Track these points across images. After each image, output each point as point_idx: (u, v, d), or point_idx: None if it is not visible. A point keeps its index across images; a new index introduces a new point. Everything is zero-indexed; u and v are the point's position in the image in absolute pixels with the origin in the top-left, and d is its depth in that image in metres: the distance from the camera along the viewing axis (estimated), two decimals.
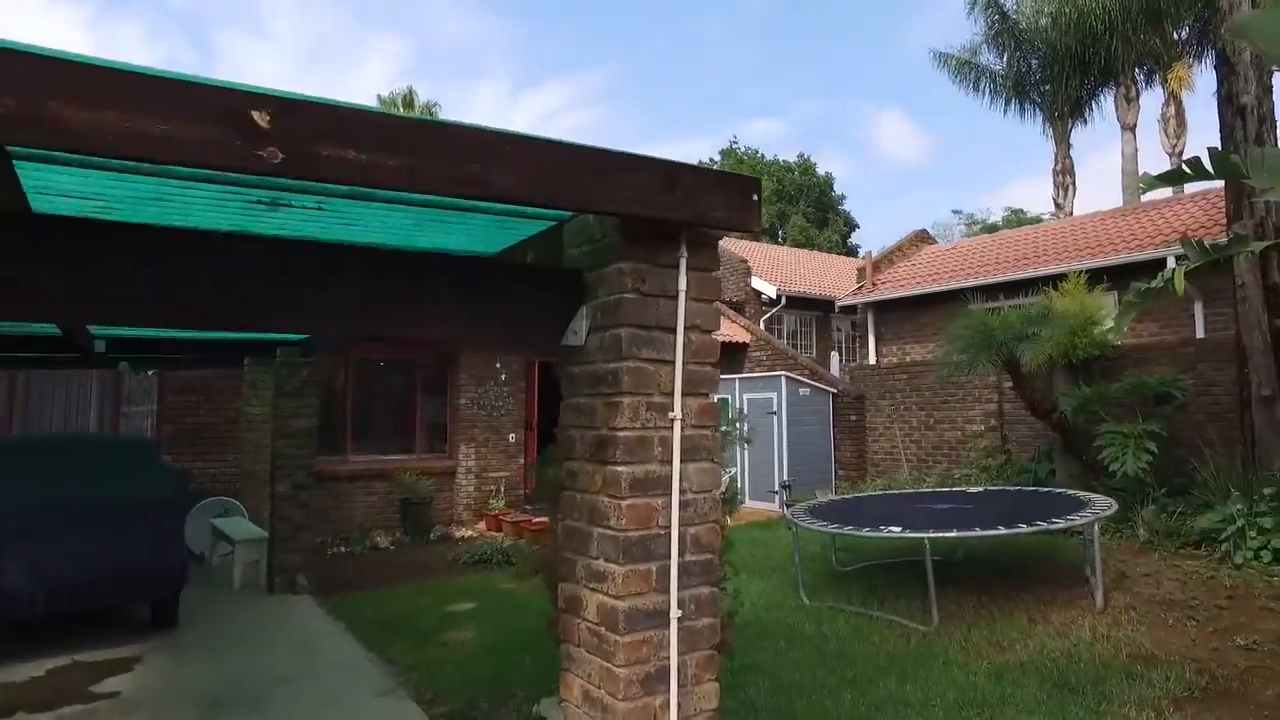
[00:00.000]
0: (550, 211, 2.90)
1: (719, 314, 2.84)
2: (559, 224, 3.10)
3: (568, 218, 2.99)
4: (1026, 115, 27.07)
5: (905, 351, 15.30)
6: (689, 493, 2.66)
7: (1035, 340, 8.74)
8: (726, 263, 19.80)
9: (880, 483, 12.33)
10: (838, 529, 6.51)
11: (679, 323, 2.66)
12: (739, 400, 14.09)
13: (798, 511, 7.47)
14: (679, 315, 2.66)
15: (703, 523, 2.69)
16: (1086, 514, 6.33)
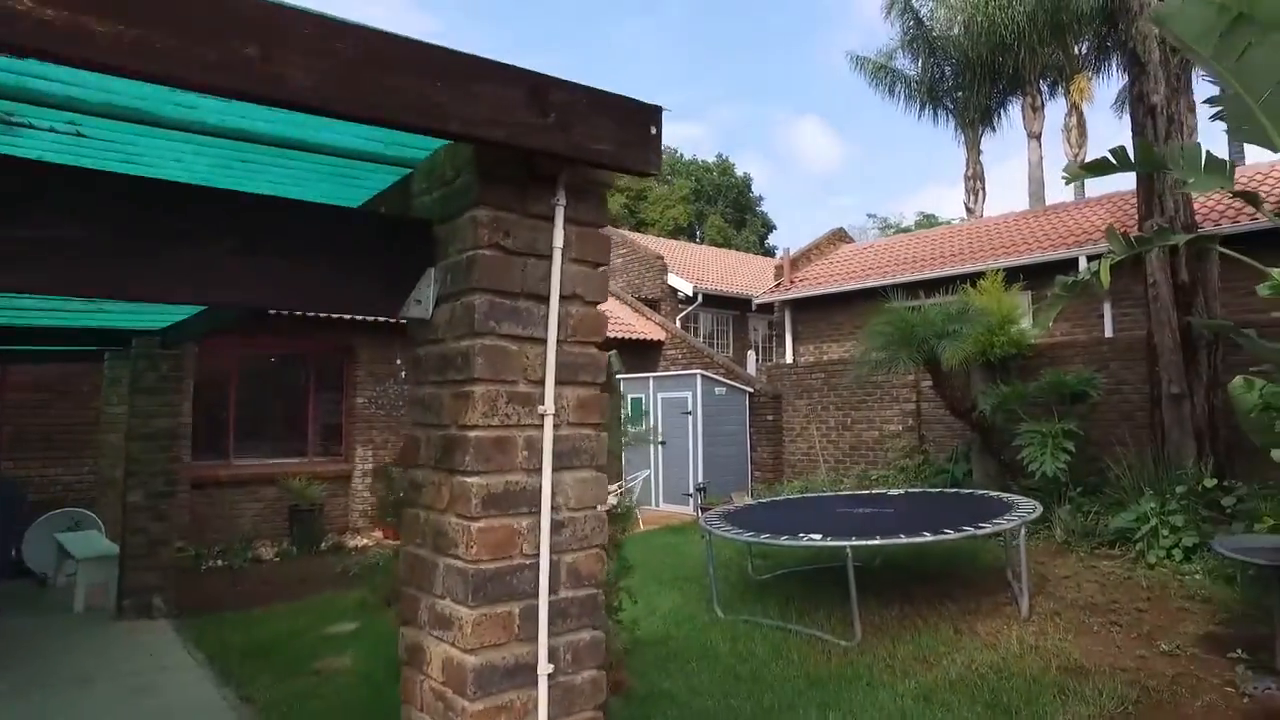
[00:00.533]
0: (406, 153, 2.27)
1: (606, 281, 2.25)
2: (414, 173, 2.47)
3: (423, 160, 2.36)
4: (940, 121, 27.62)
5: (823, 351, 15.09)
6: (565, 510, 2.06)
7: (956, 337, 8.49)
8: (642, 259, 19.33)
9: (797, 485, 12.00)
10: (754, 538, 6.02)
11: (553, 290, 2.06)
12: (652, 400, 13.59)
13: (712, 518, 6.96)
14: (553, 280, 2.06)
15: (583, 548, 2.10)
16: (1012, 517, 6.01)
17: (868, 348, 9.28)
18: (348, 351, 12.41)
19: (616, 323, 15.65)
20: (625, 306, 16.62)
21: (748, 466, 13.43)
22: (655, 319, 15.87)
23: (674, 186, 38.54)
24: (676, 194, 37.70)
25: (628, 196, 38.11)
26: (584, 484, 2.10)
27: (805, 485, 11.86)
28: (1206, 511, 7.54)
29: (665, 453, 13.32)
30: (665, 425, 13.34)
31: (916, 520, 6.38)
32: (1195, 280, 8.47)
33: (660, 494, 13.39)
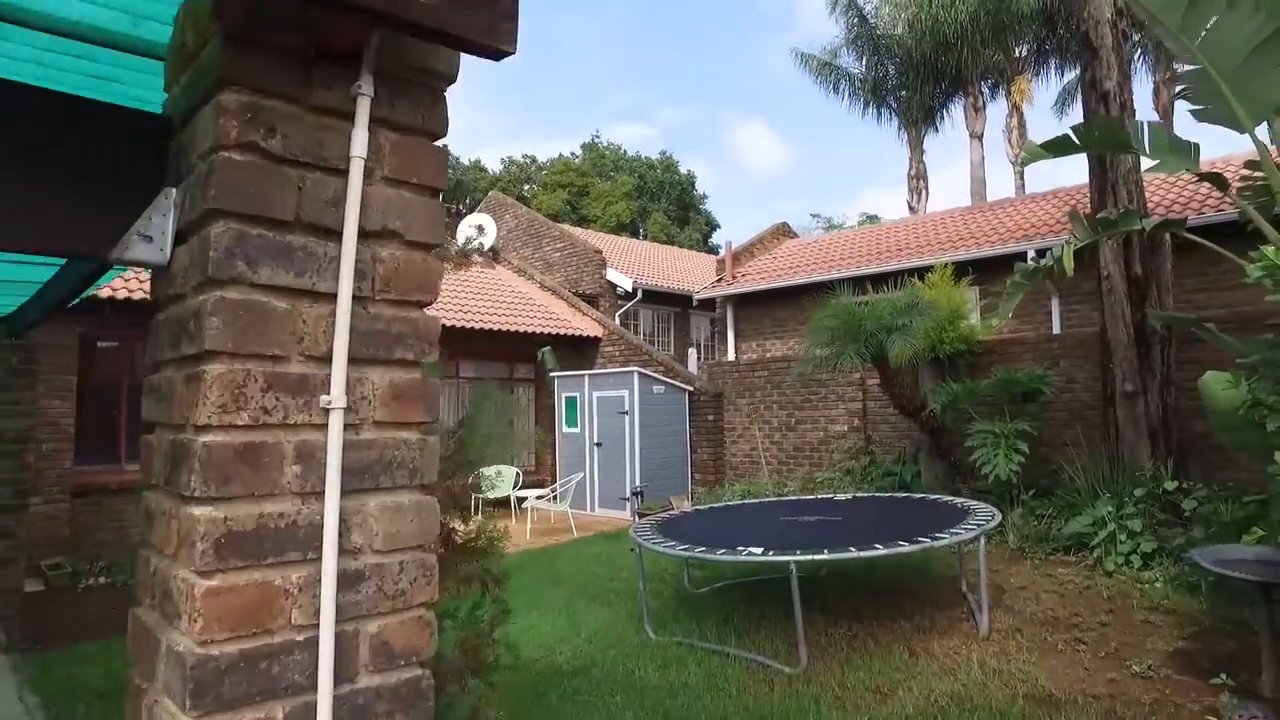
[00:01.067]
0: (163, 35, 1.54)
1: (439, 216, 1.55)
2: None
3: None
4: (883, 120, 27.54)
5: (766, 348, 14.58)
6: (367, 553, 1.36)
7: (905, 332, 7.99)
8: (579, 253, 18.62)
9: (739, 488, 11.43)
10: (689, 551, 5.37)
11: (348, 220, 1.36)
12: (588, 399, 12.89)
13: (644, 529, 6.30)
14: (349, 205, 1.36)
15: (397, 609, 1.40)
16: (970, 526, 5.48)
17: (812, 343, 8.72)
18: None
19: (551, 318, 14.91)
20: (561, 301, 15.89)
21: (688, 469, 12.83)
22: (592, 314, 15.17)
23: (617, 182, 37.86)
24: (619, 190, 37.03)
25: (570, 192, 37.32)
26: (399, 514, 1.41)
27: (748, 489, 11.29)
28: (1163, 515, 7.17)
29: (601, 454, 12.64)
30: (601, 426, 12.67)
31: (867, 529, 5.81)
32: (1149, 273, 8.12)
33: (596, 498, 12.70)
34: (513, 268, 17.38)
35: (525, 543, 10.58)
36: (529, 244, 19.99)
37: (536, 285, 16.57)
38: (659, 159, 41.35)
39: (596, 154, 41.05)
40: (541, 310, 15.19)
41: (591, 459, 12.76)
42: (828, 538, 5.46)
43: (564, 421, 13.37)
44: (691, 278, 20.79)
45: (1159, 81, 20.70)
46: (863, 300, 9.06)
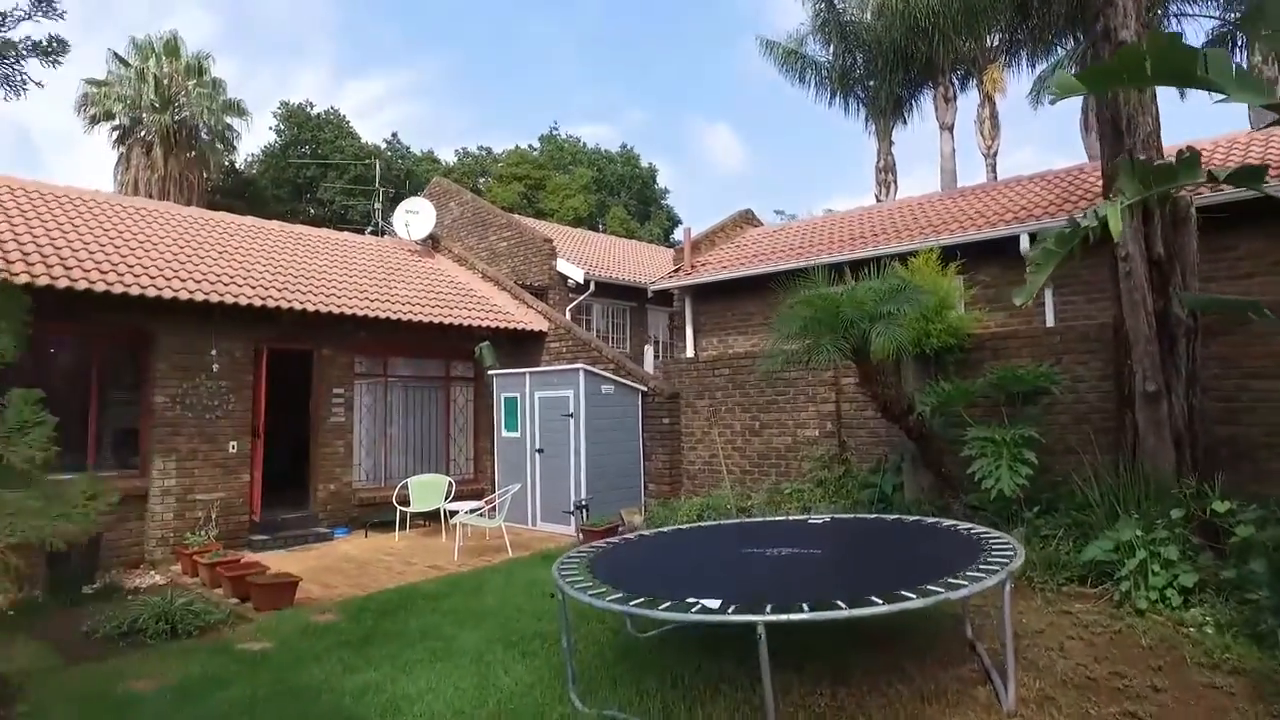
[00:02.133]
0: None
1: None
2: None
3: None
4: (851, 112, 26.47)
5: (728, 344, 13.30)
6: None
7: (891, 321, 6.71)
8: (528, 242, 17.19)
9: (698, 501, 10.10)
10: (624, 605, 4.01)
11: None
12: (529, 399, 11.47)
13: (571, 566, 4.90)
14: None
15: None
16: (990, 566, 4.20)
17: (781, 335, 7.42)
18: (145, 338, 9.85)
19: (493, 311, 13.47)
20: (504, 293, 14.44)
21: (641, 478, 11.47)
22: (537, 307, 13.76)
23: (574, 175, 36.41)
24: (577, 183, 35.59)
25: (525, 185, 35.79)
26: None
27: (707, 503, 9.96)
28: (1198, 540, 5.99)
29: (543, 462, 11.23)
30: (544, 429, 11.26)
31: (854, 567, 4.51)
32: (1172, 254, 6.95)
33: (537, 511, 11.29)
34: (453, 256, 15.89)
35: (452, 566, 9.16)
36: (474, 233, 18.51)
37: (478, 275, 15.11)
38: (619, 152, 40.00)
39: (554, 146, 39.58)
40: (482, 302, 13.74)
41: (533, 467, 11.35)
42: (805, 582, 4.15)
43: (503, 424, 11.93)
44: (650, 271, 19.47)
45: None
46: (840, 290, 7.77)
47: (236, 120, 29.93)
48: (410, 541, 10.75)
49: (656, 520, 10.29)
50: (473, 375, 13.37)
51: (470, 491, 12.61)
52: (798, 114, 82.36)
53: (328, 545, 10.62)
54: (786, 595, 3.91)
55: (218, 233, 12.40)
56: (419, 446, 12.81)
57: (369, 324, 11.56)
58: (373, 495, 11.72)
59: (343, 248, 14.22)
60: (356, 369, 11.99)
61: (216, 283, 10.29)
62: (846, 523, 6.10)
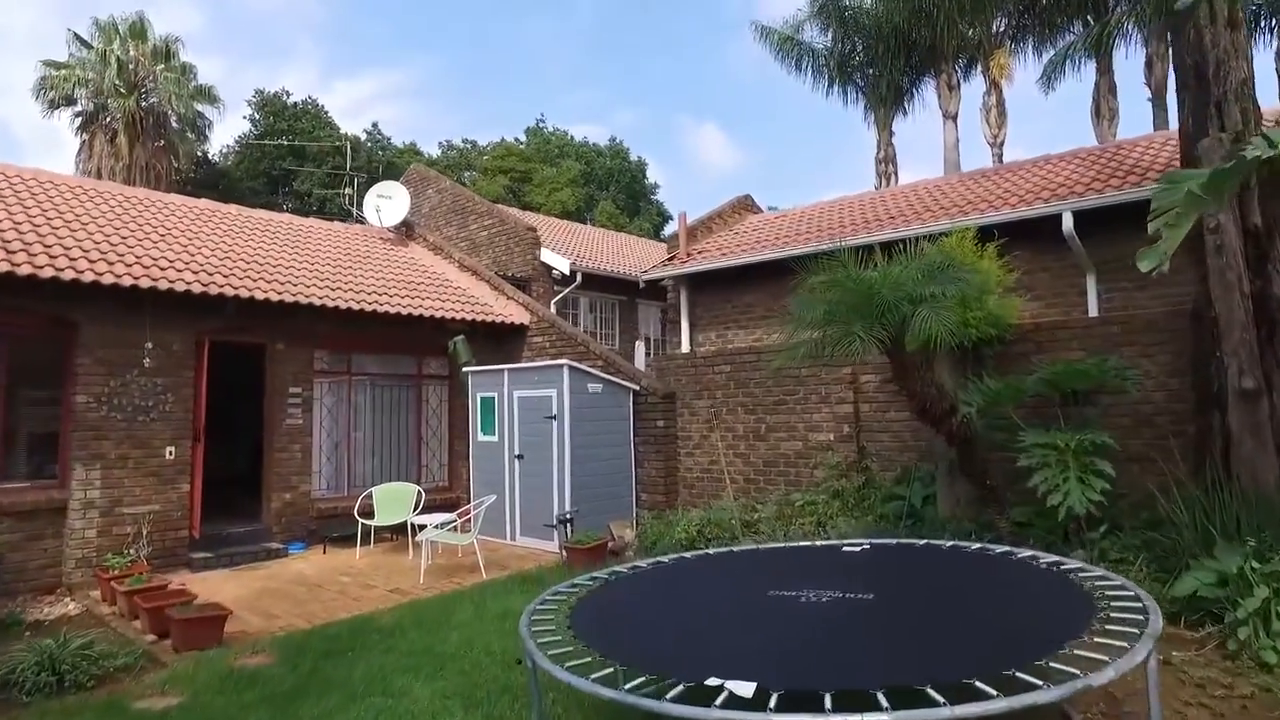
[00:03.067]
0: None
1: None
2: None
3: None
4: (851, 102, 25.48)
5: (727, 339, 12.16)
6: None
7: (936, 304, 5.58)
8: (510, 231, 15.99)
9: (697, 515, 8.94)
10: (612, 686, 2.85)
11: None
12: (507, 398, 10.28)
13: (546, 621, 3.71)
14: None
15: None
16: (1125, 628, 3.05)
17: (802, 323, 6.26)
18: (67, 328, 8.62)
19: (469, 302, 12.27)
20: (483, 284, 13.25)
21: (632, 487, 10.30)
22: (519, 298, 12.57)
23: (562, 168, 35.20)
24: (564, 176, 34.38)
25: (511, 178, 34.57)
26: None
27: (708, 516, 8.80)
28: None
29: (523, 469, 10.04)
30: (524, 432, 10.07)
31: (923, 623, 3.36)
32: (1271, 226, 5.85)
33: (516, 524, 10.10)
34: (428, 245, 14.68)
35: (416, 589, 7.97)
36: (454, 222, 17.30)
37: (455, 265, 13.90)
38: (608, 146, 38.82)
39: (541, 139, 38.36)
40: (458, 293, 12.53)
41: (511, 474, 10.16)
42: (864, 648, 3.00)
43: (479, 427, 10.74)
44: (641, 264, 18.33)
45: (1153, 54, 18.88)
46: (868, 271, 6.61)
47: (208, 108, 28.60)
48: (373, 559, 9.55)
49: (651, 536, 9.12)
50: (447, 373, 12.17)
51: (444, 501, 11.42)
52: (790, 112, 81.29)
53: (280, 563, 9.40)
54: (844, 669, 2.76)
55: (163, 215, 11.14)
56: (387, 451, 11.60)
57: (330, 315, 10.35)
58: (333, 506, 10.50)
59: (304, 234, 12.98)
60: (316, 365, 10.77)
61: (152, 266, 9.05)
62: (890, 551, 4.94)
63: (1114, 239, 8.82)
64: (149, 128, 26.73)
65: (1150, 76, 19.05)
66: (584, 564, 8.46)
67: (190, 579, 8.56)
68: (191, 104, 27.88)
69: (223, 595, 7.79)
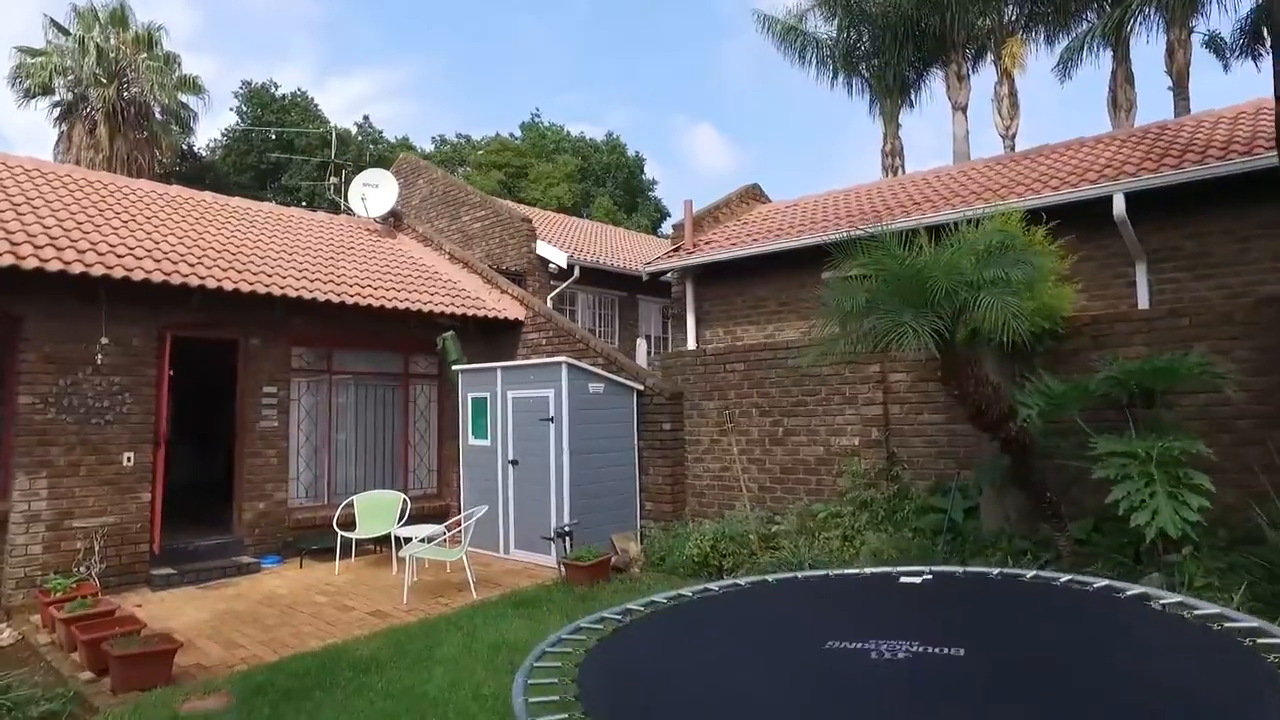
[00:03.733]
0: None
1: None
2: None
3: None
4: (855, 92, 24.71)
5: (736, 335, 11.35)
6: None
7: (1000, 289, 4.78)
8: (503, 223, 15.17)
9: (710, 528, 8.13)
10: None
11: None
12: (501, 400, 9.46)
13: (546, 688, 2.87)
14: None
15: None
16: None
17: (839, 313, 5.44)
18: (9, 322, 7.79)
19: (460, 296, 11.44)
20: (474, 276, 12.43)
21: (636, 495, 9.49)
22: (513, 292, 11.75)
23: (558, 164, 34.34)
24: (560, 171, 33.51)
25: (506, 174, 33.71)
26: None
27: (721, 529, 8.00)
28: None
29: (518, 476, 9.22)
30: (519, 436, 9.26)
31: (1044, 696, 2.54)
32: None
33: (510, 536, 9.28)
34: (417, 236, 13.85)
35: (399, 612, 7.16)
36: (445, 213, 16.47)
37: (445, 257, 13.07)
38: (605, 141, 37.98)
39: (536, 134, 37.51)
40: (448, 286, 11.71)
41: (505, 482, 9.33)
42: None
43: (470, 430, 9.91)
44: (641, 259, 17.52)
45: (1174, 40, 18.12)
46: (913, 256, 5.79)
47: (193, 99, 27.70)
48: (354, 574, 8.73)
49: (658, 551, 8.32)
50: (436, 372, 11.35)
51: (433, 510, 10.59)
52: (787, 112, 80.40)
53: (251, 580, 8.57)
54: None
55: (127, 200, 10.30)
56: (371, 456, 10.78)
57: (308, 308, 9.51)
58: (312, 516, 9.67)
59: (284, 223, 12.14)
60: (294, 363, 9.94)
61: (109, 254, 8.21)
62: (959, 584, 4.12)
63: (1166, 225, 8.05)
64: (131, 119, 25.81)
65: (1171, 64, 18.30)
66: (585, 582, 7.65)
67: (149, 599, 7.74)
68: (175, 94, 26.96)
69: (181, 620, 6.98)
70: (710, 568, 7.70)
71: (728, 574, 7.57)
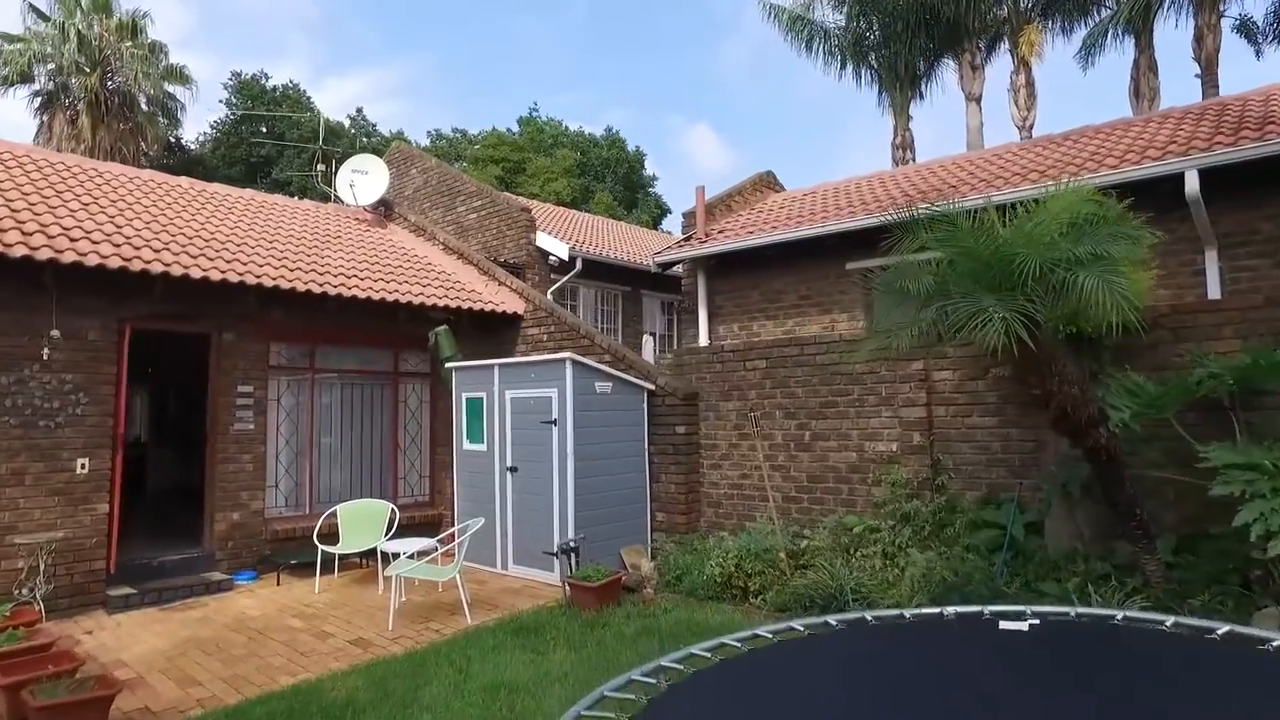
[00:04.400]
0: None
1: None
2: None
3: None
4: (865, 83, 23.94)
5: (752, 331, 10.52)
6: None
7: (1103, 268, 3.97)
8: (501, 213, 14.33)
9: (733, 544, 7.30)
10: None
11: None
12: (498, 399, 8.63)
13: None
14: None
15: None
16: None
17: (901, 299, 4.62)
18: None
19: (454, 288, 10.59)
20: (470, 268, 11.59)
21: (646, 505, 8.66)
22: (511, 284, 10.91)
23: (556, 158, 33.48)
24: (559, 165, 32.66)
25: (503, 168, 32.87)
26: None
27: (746, 545, 7.17)
28: None
29: (517, 484, 8.39)
30: (518, 440, 8.42)
31: None
32: None
33: (508, 550, 8.45)
34: (409, 226, 13.01)
35: (383, 640, 6.32)
36: (439, 204, 15.62)
37: (439, 247, 12.24)
38: (604, 136, 37.13)
39: (534, 128, 36.64)
40: (441, 277, 10.86)
41: (503, 490, 8.50)
42: None
43: (465, 433, 9.07)
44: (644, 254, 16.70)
45: (1203, 25, 17.34)
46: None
47: (180, 89, 26.82)
48: (336, 593, 7.89)
49: (674, 568, 7.50)
50: (428, 370, 10.51)
51: (424, 520, 9.75)
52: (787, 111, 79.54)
53: (221, 600, 7.72)
54: None
55: (92, 183, 9.45)
56: (357, 462, 9.93)
57: (287, 300, 8.68)
58: (291, 527, 8.83)
59: (264, 210, 11.29)
60: (273, 360, 9.09)
61: (60, 237, 7.36)
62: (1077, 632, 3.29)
63: (1240, 206, 7.25)
64: (115, 109, 24.95)
65: (1200, 50, 17.51)
66: (593, 605, 6.81)
67: (102, 624, 6.89)
68: (161, 84, 26.08)
69: (135, 649, 6.14)
70: (734, 589, 6.88)
71: (755, 596, 6.74)
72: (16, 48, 23.71)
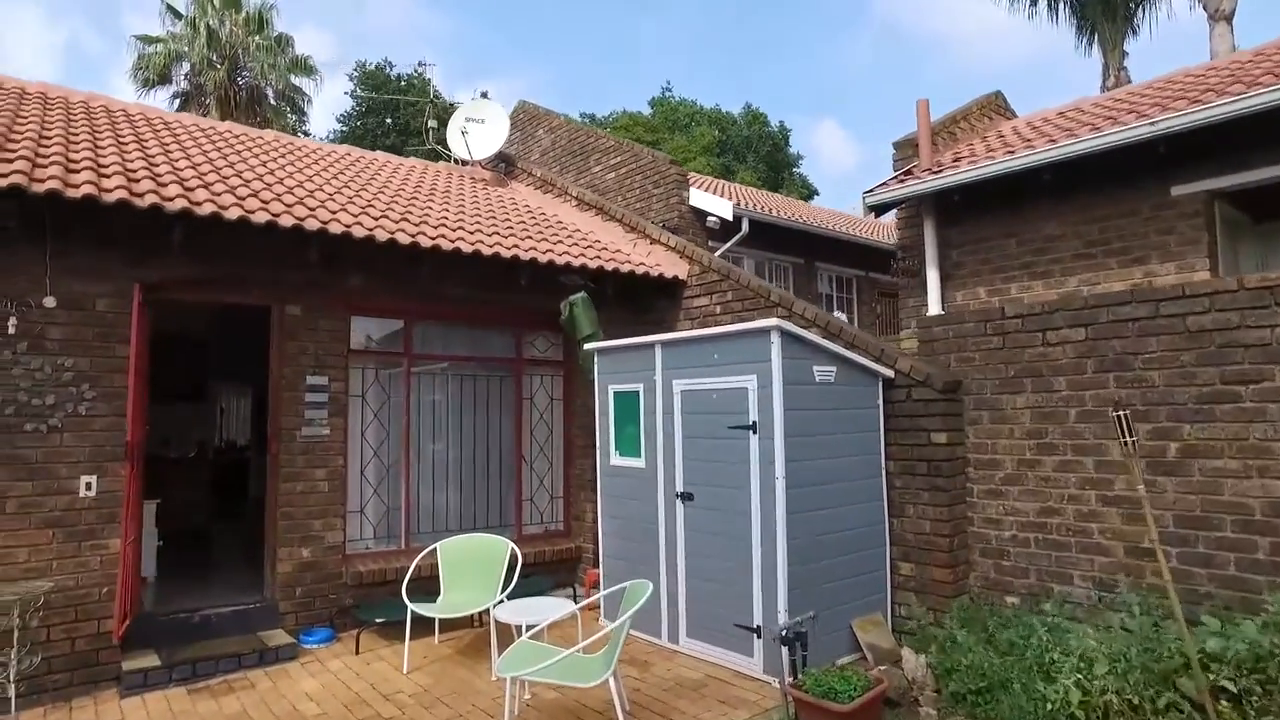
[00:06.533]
0: None
1: None
2: None
3: None
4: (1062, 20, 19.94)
5: (1008, 295, 7.32)
6: None
7: None
8: (647, 169, 11.66)
9: (1095, 651, 4.21)
10: None
11: None
12: (661, 393, 5.90)
13: None
14: None
15: None
16: None
17: None
18: None
19: (594, 247, 7.98)
20: (613, 224, 9.01)
21: (886, 552, 5.71)
22: (669, 242, 8.21)
23: (694, 135, 30.74)
24: (698, 144, 29.88)
25: None
26: None
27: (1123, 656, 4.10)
28: None
29: (692, 518, 5.63)
30: (692, 455, 5.66)
31: None
32: None
33: (680, 618, 5.70)
34: (534, 181, 10.60)
35: None
36: (572, 165, 13.17)
37: (572, 203, 9.73)
38: (743, 113, 34.10)
39: (668, 109, 34.06)
40: (575, 235, 8.30)
41: (671, 527, 5.77)
42: None
43: (613, 443, 6.42)
44: (815, 218, 13.67)
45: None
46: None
47: (305, 81, 25.91)
48: (432, 672, 5.42)
49: (947, 662, 4.52)
50: (561, 358, 7.98)
51: (556, 556, 7.21)
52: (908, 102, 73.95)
53: (275, 677, 5.39)
54: None
55: (140, 127, 7.48)
56: (469, 479, 7.51)
57: (374, 258, 6.34)
58: (381, 568, 6.45)
59: (360, 164, 9.12)
60: (355, 342, 6.76)
61: (83, 168, 5.22)
62: None
63: None
64: (243, 104, 24.23)
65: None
66: None
67: (106, 713, 4.66)
68: (287, 75, 25.20)
69: None
70: None
71: None
72: (156, 49, 23.28)
